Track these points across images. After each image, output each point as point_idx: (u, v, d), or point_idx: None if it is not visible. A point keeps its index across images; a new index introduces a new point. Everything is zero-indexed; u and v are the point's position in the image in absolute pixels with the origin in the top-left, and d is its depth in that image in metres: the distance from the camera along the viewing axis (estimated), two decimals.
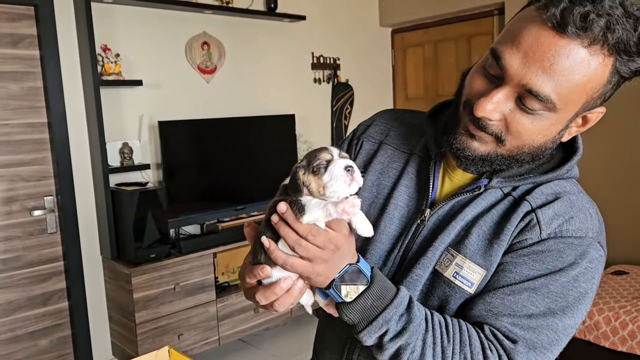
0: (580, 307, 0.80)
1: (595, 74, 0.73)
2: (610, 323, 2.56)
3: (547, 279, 0.79)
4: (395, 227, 0.92)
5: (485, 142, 0.81)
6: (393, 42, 4.61)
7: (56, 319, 2.95)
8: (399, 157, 0.99)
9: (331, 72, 4.16)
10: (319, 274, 0.76)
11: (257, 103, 3.68)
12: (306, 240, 0.73)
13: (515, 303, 0.78)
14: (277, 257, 0.75)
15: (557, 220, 0.81)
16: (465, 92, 0.84)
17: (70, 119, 2.88)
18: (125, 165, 3.02)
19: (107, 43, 2.95)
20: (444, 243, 0.85)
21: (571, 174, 0.88)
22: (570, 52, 0.71)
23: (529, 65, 0.73)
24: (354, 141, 1.06)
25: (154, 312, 2.88)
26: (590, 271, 0.80)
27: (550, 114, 0.76)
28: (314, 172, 0.73)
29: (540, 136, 0.80)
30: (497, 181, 0.86)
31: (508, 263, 0.81)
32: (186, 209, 3.20)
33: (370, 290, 0.77)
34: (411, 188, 0.94)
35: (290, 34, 3.86)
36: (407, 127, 1.02)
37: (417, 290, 0.86)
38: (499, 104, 0.76)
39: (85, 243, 2.99)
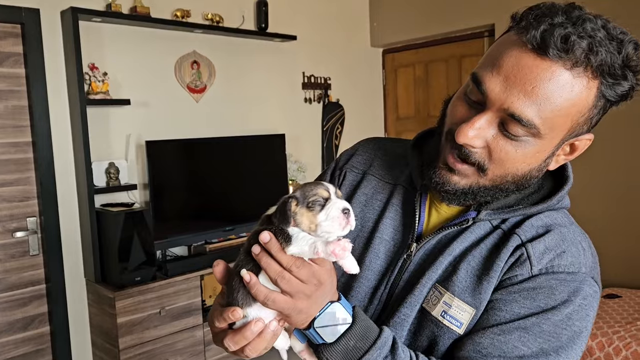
0: (574, 347, 0.76)
1: (579, 98, 0.70)
2: (603, 349, 2.51)
3: (538, 318, 0.75)
4: (381, 263, 0.88)
5: (466, 175, 0.78)
6: (384, 63, 4.62)
7: (37, 344, 2.85)
8: (383, 188, 0.95)
9: (322, 92, 4.15)
10: (301, 310, 0.71)
11: (247, 123, 3.65)
12: (290, 272, 0.69)
13: (506, 343, 0.74)
14: (258, 292, 0.70)
15: (549, 254, 0.77)
16: (447, 121, 0.81)
17: (55, 139, 2.83)
18: (111, 186, 2.96)
19: (94, 62, 2.91)
20: (431, 279, 0.81)
21: (562, 204, 0.85)
22: (552, 74, 0.68)
23: (510, 89, 0.70)
24: (336, 172, 1.03)
25: (139, 337, 2.79)
26: (584, 309, 0.76)
27: (535, 140, 0.73)
28: (308, 207, 0.71)
29: (525, 164, 0.76)
30: (486, 213, 0.82)
31: (498, 301, 0.77)
32: (173, 230, 3.13)
33: (352, 330, 0.73)
34: (397, 221, 0.90)
35: (281, 53, 3.85)
36: (391, 157, 0.99)
37: (405, 330, 0.82)
38: (481, 130, 0.73)
39: (69, 265, 2.91)
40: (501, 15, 3.62)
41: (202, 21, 3.34)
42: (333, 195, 0.72)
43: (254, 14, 3.65)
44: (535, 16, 0.70)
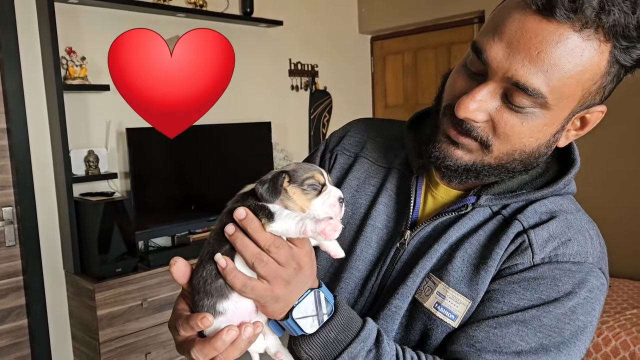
0: (577, 343, 0.69)
1: (590, 63, 0.63)
2: (592, 340, 2.49)
3: (539, 311, 0.68)
4: (372, 252, 0.82)
5: (470, 150, 0.71)
6: (372, 50, 4.54)
7: (14, 337, 2.77)
8: (376, 172, 0.88)
9: (309, 79, 4.07)
10: (278, 298, 0.64)
11: (232, 110, 3.56)
12: (268, 253, 0.62)
13: (502, 337, 0.68)
14: (235, 279, 0.63)
15: (552, 242, 0.71)
16: (445, 96, 0.74)
17: (31, 125, 2.72)
18: (90, 175, 2.86)
19: (72, 46, 2.80)
20: (425, 269, 0.75)
21: (568, 189, 0.78)
22: (560, 38, 0.62)
23: (513, 55, 0.64)
24: (326, 154, 0.96)
25: (120, 329, 2.72)
26: (590, 302, 0.70)
27: (542, 112, 0.67)
28: (302, 188, 0.65)
29: (532, 139, 0.70)
30: (486, 199, 0.75)
31: (495, 291, 0.71)
32: (156, 220, 3.05)
33: (334, 321, 0.66)
34: (390, 207, 0.84)
35: (267, 39, 3.76)
36: (386, 139, 0.92)
37: (396, 323, 0.76)
38: (483, 102, 0.67)
39: (47, 257, 2.82)
40: (491, 2, 3.56)
41: (185, 5, 3.24)
42: (328, 182, 0.68)
43: None
44: None
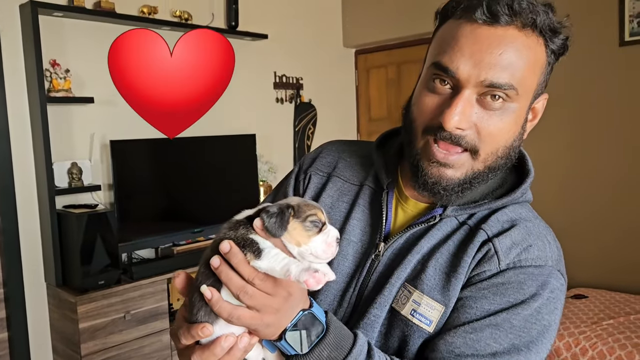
0: (544, 340, 0.75)
1: (536, 55, 0.74)
2: (570, 349, 2.54)
3: (509, 313, 0.74)
4: (349, 264, 0.86)
5: (461, 165, 0.77)
6: (356, 63, 4.61)
7: None
8: (349, 190, 0.93)
9: (294, 92, 4.11)
10: (269, 325, 0.67)
11: (217, 122, 3.58)
12: (252, 285, 0.65)
13: (478, 342, 0.73)
14: (221, 310, 0.65)
15: (516, 249, 0.77)
16: (419, 121, 0.79)
17: (14, 137, 2.72)
18: (73, 187, 2.86)
19: (56, 58, 2.81)
20: (400, 279, 0.80)
21: (525, 197, 0.85)
22: (510, 38, 0.72)
23: (480, 62, 0.72)
24: (300, 175, 1.00)
25: (102, 342, 2.70)
26: (552, 302, 0.76)
27: (514, 105, 0.75)
28: (304, 224, 0.68)
29: (510, 133, 0.78)
30: (452, 209, 0.81)
31: (468, 298, 0.76)
32: (139, 232, 3.05)
33: (326, 340, 0.69)
34: (363, 221, 0.88)
35: (252, 52, 3.80)
36: (356, 158, 0.97)
37: (375, 331, 0.80)
38: (464, 110, 0.74)
39: (28, 269, 2.80)
40: None
41: (170, 18, 3.27)
42: (327, 221, 0.71)
43: (224, 11, 3.59)
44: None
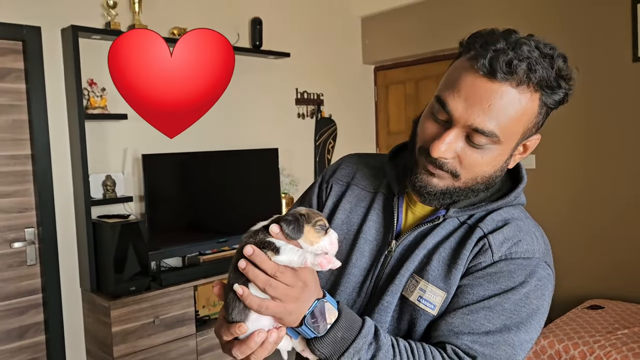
0: (533, 322, 0.87)
1: (526, 108, 0.84)
2: (585, 358, 2.59)
3: (500, 298, 0.87)
4: (365, 260, 1.00)
5: (443, 178, 0.90)
6: (376, 79, 4.74)
7: (32, 352, 2.91)
8: (365, 196, 1.08)
9: (315, 108, 4.26)
10: (291, 312, 0.80)
11: (241, 137, 3.75)
12: (275, 279, 0.78)
13: (474, 322, 0.86)
14: (251, 303, 0.79)
15: (507, 243, 0.89)
16: (419, 139, 0.94)
17: (54, 152, 2.91)
18: (107, 198, 3.04)
19: (93, 77, 3.01)
20: (409, 270, 0.93)
21: (519, 200, 0.98)
22: (502, 93, 0.82)
23: (471, 108, 0.83)
24: (323, 185, 1.16)
25: (132, 345, 2.85)
26: (539, 289, 0.88)
27: (496, 147, 0.86)
28: (315, 228, 0.83)
29: (490, 167, 0.89)
30: (454, 211, 0.95)
31: (466, 285, 0.89)
32: (168, 242, 3.21)
33: (339, 323, 0.82)
34: (378, 223, 1.02)
35: (275, 70, 3.97)
36: (371, 169, 1.12)
37: (389, 316, 0.93)
38: (450, 143, 0.86)
39: (65, 275, 2.98)
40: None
41: None
42: (328, 224, 0.86)
43: (248, 31, 3.77)
44: (481, 44, 0.84)
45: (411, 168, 0.94)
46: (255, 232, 0.83)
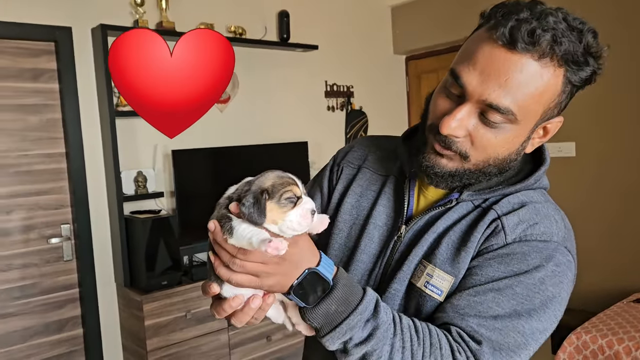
0: (547, 311, 0.80)
1: (549, 85, 0.76)
2: (630, 353, 2.45)
3: (511, 280, 0.79)
4: (375, 246, 0.95)
5: (452, 159, 0.84)
6: (407, 69, 4.65)
7: (71, 345, 2.99)
8: (376, 180, 1.02)
9: (345, 100, 4.21)
10: (271, 286, 0.75)
11: (271, 131, 3.74)
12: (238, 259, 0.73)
13: (481, 304, 0.79)
14: (221, 274, 0.75)
15: (522, 225, 0.82)
16: (430, 116, 0.87)
17: (86, 149, 2.98)
18: (139, 194, 3.09)
19: None
20: (417, 256, 0.88)
21: (540, 184, 0.90)
22: (522, 66, 0.74)
23: (486, 82, 0.76)
24: (334, 167, 1.11)
25: (165, 339, 2.89)
26: (557, 275, 0.81)
27: (512, 126, 0.79)
28: (279, 203, 0.73)
29: (504, 149, 0.82)
30: (468, 194, 0.88)
31: (475, 267, 0.83)
32: (199, 236, 3.23)
33: (333, 295, 0.76)
34: (389, 207, 0.97)
35: (304, 63, 3.93)
36: (383, 152, 1.06)
37: (396, 304, 0.88)
38: (462, 120, 0.79)
39: (100, 270, 3.04)
40: None
41: (225, 33, 3.46)
42: (304, 194, 0.76)
43: (276, 25, 3.75)
44: (503, 14, 0.77)
45: (419, 147, 0.89)
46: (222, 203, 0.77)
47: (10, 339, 2.78)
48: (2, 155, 2.76)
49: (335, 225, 1.01)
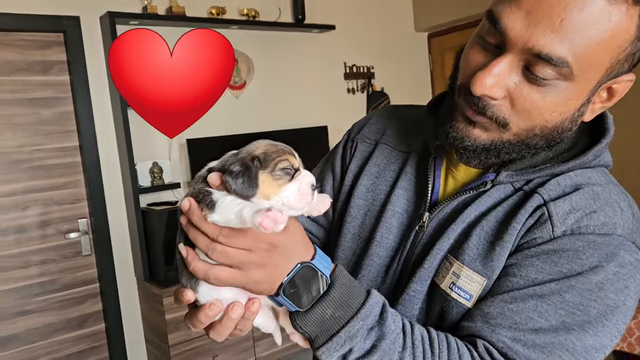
0: (607, 324, 0.63)
1: (619, 28, 0.58)
2: None
3: (560, 285, 0.63)
4: (393, 237, 0.80)
5: (488, 129, 0.67)
6: (430, 47, 4.45)
7: (93, 341, 2.95)
8: (396, 158, 0.87)
9: (365, 81, 4.05)
10: (258, 282, 0.61)
11: (289, 116, 3.61)
12: (219, 243, 0.59)
13: (519, 313, 0.63)
14: (195, 269, 0.61)
15: (575, 214, 0.65)
16: (460, 73, 0.71)
17: (100, 142, 2.91)
18: (155, 185, 3.01)
19: None
20: (442, 250, 0.72)
21: (600, 161, 0.72)
22: (584, 2, 0.57)
23: (534, 25, 0.59)
24: (348, 143, 0.95)
25: (187, 333, 2.82)
26: (621, 278, 0.63)
27: (567, 84, 0.62)
28: (274, 174, 0.60)
29: (555, 114, 0.65)
30: (507, 175, 0.71)
31: (512, 266, 0.66)
32: None
33: (329, 297, 0.62)
34: (410, 191, 0.81)
35: (320, 44, 3.79)
36: (407, 124, 0.90)
37: (416, 308, 0.73)
38: (501, 76, 0.62)
39: (119, 264, 2.99)
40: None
41: (237, 17, 3.34)
42: (301, 166, 0.63)
43: (290, 6, 3.61)
44: None
45: (447, 115, 0.72)
46: (198, 178, 0.63)
47: (32, 336, 2.75)
48: (15, 150, 2.71)
49: (348, 212, 0.86)
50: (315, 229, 0.99)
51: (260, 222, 0.55)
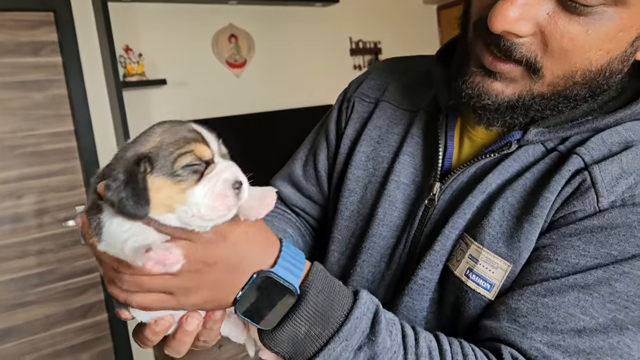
0: None
1: None
2: None
3: (609, 272, 0.49)
4: (398, 214, 0.66)
5: (513, 79, 0.52)
6: (439, 20, 4.26)
7: (96, 331, 2.86)
8: (401, 118, 0.72)
9: (372, 57, 3.88)
10: (197, 305, 0.48)
11: (293, 95, 3.47)
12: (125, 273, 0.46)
13: (556, 309, 0.49)
14: (113, 294, 0.49)
15: (626, 180, 0.50)
16: (474, 8, 0.55)
17: (96, 125, 2.79)
18: None
19: (128, 43, 2.83)
20: (457, 228, 0.58)
21: None
22: None
23: None
24: (344, 104, 0.81)
25: None
26: None
27: (617, 11, 0.47)
28: (174, 176, 0.44)
29: (602, 52, 0.49)
30: (537, 132, 0.56)
31: (546, 248, 0.52)
32: None
33: (301, 310, 0.48)
34: (417, 157, 0.67)
35: (324, 19, 3.62)
36: (412, 77, 0.75)
37: (426, 299, 0.59)
38: (528, 6, 0.48)
39: None
40: None
41: None
42: (217, 155, 0.47)
43: None
44: None
45: (460, 66, 0.58)
46: (92, 184, 0.50)
47: (33, 327, 2.67)
48: (7, 136, 2.60)
49: (345, 186, 0.73)
50: (310, 207, 0.85)
51: (144, 265, 0.40)
